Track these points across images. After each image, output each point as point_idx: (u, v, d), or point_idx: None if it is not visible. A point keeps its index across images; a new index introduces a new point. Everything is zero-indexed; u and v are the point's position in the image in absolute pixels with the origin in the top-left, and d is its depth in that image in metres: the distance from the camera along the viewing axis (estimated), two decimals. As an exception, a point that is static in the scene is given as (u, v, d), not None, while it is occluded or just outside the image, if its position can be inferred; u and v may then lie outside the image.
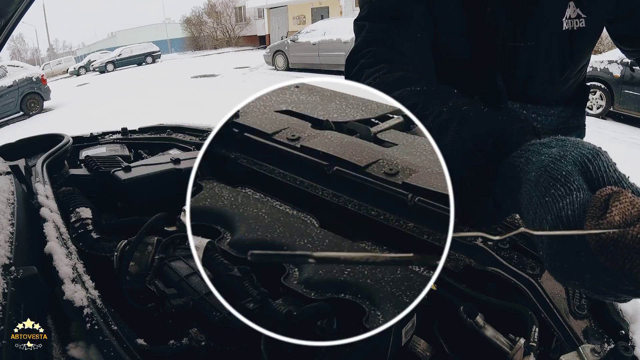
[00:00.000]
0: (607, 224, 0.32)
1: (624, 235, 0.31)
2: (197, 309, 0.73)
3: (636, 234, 0.31)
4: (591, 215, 0.33)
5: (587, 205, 0.34)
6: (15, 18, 1.17)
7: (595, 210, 0.33)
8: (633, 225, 0.31)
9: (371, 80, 0.64)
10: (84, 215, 0.98)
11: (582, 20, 0.85)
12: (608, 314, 0.73)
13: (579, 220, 0.34)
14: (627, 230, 0.31)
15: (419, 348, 0.82)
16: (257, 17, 25.18)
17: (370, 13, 0.79)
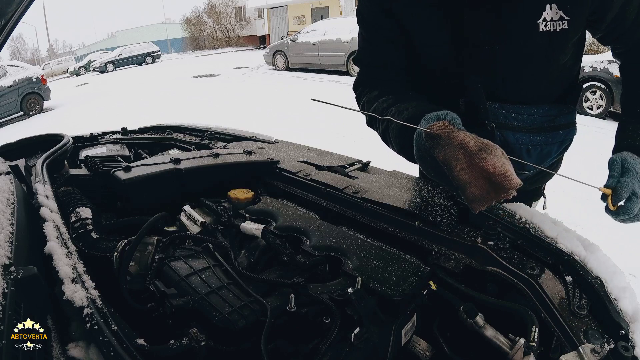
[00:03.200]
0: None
1: (437, 135, 0.67)
2: (197, 309, 0.73)
3: (440, 134, 0.67)
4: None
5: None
6: (15, 18, 1.17)
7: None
8: (441, 132, 0.67)
9: (363, 103, 1.02)
10: (84, 215, 0.98)
11: (564, 22, 0.86)
12: (608, 314, 0.73)
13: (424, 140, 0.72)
14: (439, 132, 0.67)
15: (419, 348, 0.82)
16: (257, 17, 25.18)
17: (359, 24, 1.02)
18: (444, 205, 1.05)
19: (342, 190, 1.15)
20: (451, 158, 0.68)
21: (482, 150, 0.66)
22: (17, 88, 9.62)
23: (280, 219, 1.07)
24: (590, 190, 0.84)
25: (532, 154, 0.97)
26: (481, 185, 0.66)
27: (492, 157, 0.65)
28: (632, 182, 0.80)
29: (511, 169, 0.66)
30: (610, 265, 0.82)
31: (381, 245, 0.96)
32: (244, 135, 1.77)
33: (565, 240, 0.89)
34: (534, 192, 1.27)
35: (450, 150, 0.67)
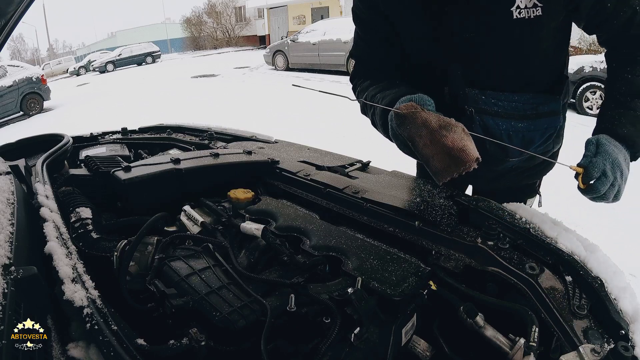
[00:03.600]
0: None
1: (402, 115, 0.75)
2: (197, 309, 0.73)
3: (406, 114, 0.74)
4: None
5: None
6: (15, 18, 1.17)
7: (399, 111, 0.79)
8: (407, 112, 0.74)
9: (357, 92, 1.12)
10: (84, 215, 0.98)
11: (538, 9, 0.88)
12: (608, 314, 0.73)
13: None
14: (405, 112, 0.74)
15: (419, 348, 0.82)
16: (257, 17, 25.17)
17: (354, 22, 1.10)
18: (444, 205, 1.05)
19: (342, 190, 1.15)
20: (415, 135, 0.77)
21: (443, 127, 0.74)
22: (17, 88, 9.61)
23: (280, 219, 1.07)
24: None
25: (514, 140, 0.99)
26: (442, 159, 0.75)
27: (452, 133, 0.74)
28: (603, 163, 0.82)
29: (470, 144, 0.74)
30: (610, 265, 0.82)
31: (381, 245, 0.96)
32: (244, 135, 1.77)
33: (565, 240, 0.89)
34: (529, 189, 1.27)
35: (414, 128, 0.77)
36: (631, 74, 0.89)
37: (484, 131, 0.97)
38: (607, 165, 0.82)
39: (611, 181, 0.82)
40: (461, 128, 0.76)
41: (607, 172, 0.81)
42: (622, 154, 0.84)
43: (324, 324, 0.73)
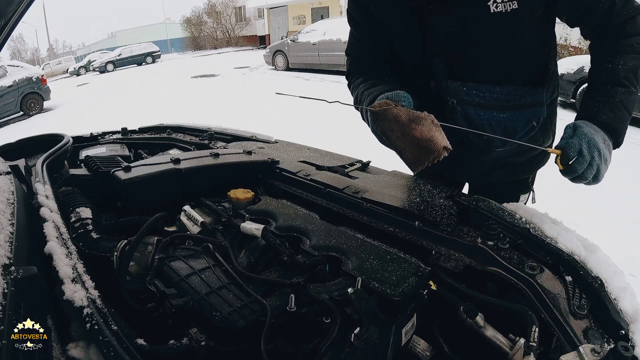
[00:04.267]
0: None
1: (375, 112, 0.81)
2: (197, 309, 0.73)
3: (378, 112, 0.81)
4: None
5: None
6: (15, 18, 1.17)
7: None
8: (378, 109, 0.81)
9: (351, 88, 1.17)
10: (84, 215, 0.98)
11: (514, 3, 0.90)
12: (608, 314, 0.73)
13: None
14: (377, 110, 0.81)
15: (419, 348, 0.82)
16: (257, 17, 25.16)
17: (349, 23, 1.15)
18: (444, 205, 1.05)
19: (342, 190, 1.15)
20: (387, 130, 0.84)
21: (412, 121, 0.81)
22: (17, 88, 9.61)
23: (280, 219, 1.07)
24: (592, 191, 0.85)
25: (496, 130, 1.02)
26: (413, 150, 0.82)
27: (420, 126, 0.80)
28: (579, 143, 0.84)
29: (438, 134, 0.79)
30: (610, 265, 0.82)
31: (381, 245, 0.96)
32: (244, 135, 1.77)
33: (565, 240, 0.89)
34: (522, 184, 1.27)
35: (386, 123, 0.84)
36: (611, 63, 0.91)
37: (466, 121, 1.01)
38: (584, 145, 0.84)
39: (588, 160, 0.84)
40: (430, 120, 0.81)
41: (583, 152, 0.84)
42: (601, 135, 0.86)
43: (324, 324, 0.73)
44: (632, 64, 0.90)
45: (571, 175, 0.86)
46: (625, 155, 4.79)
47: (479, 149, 1.08)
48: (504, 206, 1.04)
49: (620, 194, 3.53)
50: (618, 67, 0.90)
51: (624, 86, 0.89)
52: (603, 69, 0.92)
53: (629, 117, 0.91)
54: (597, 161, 0.85)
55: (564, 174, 0.88)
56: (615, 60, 0.90)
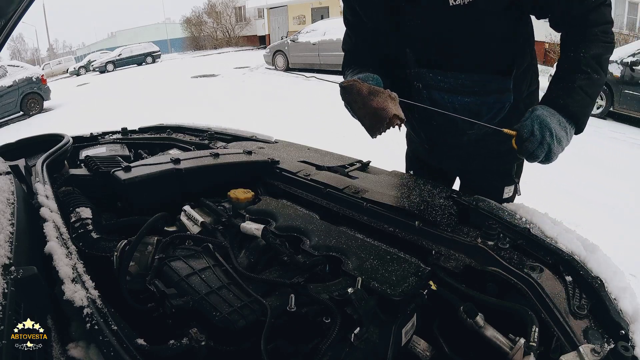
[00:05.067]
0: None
1: (343, 87, 0.95)
2: (197, 309, 0.73)
3: (346, 89, 0.94)
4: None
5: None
6: (15, 18, 1.17)
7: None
8: (345, 84, 0.94)
9: (344, 72, 1.26)
10: (84, 215, 0.98)
11: None
12: (608, 314, 0.73)
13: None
14: (343, 85, 0.94)
15: (419, 348, 0.82)
16: (257, 17, 25.15)
17: (344, 22, 1.26)
18: (444, 205, 1.05)
19: (342, 190, 1.15)
20: (352, 101, 0.97)
21: (371, 94, 0.94)
22: (17, 88, 9.60)
23: (280, 219, 1.07)
24: (592, 190, 0.85)
25: (460, 112, 1.07)
26: (371, 118, 0.95)
27: (378, 98, 0.93)
28: (532, 124, 0.91)
29: (391, 105, 0.93)
30: (610, 265, 0.82)
31: (381, 245, 0.96)
32: (244, 135, 1.77)
33: (565, 240, 0.89)
34: (505, 176, 1.31)
35: (351, 96, 0.96)
36: (574, 52, 0.96)
37: (431, 103, 1.11)
38: (536, 126, 0.91)
39: (539, 140, 0.91)
40: (387, 94, 0.94)
41: (535, 132, 0.91)
42: (556, 118, 0.92)
43: (324, 324, 0.73)
44: (594, 52, 0.94)
45: (524, 154, 0.93)
46: (625, 154, 4.78)
47: (446, 128, 1.18)
48: (504, 206, 1.04)
49: (621, 193, 3.53)
50: (580, 55, 0.94)
51: (584, 72, 0.93)
52: (567, 57, 0.98)
53: (591, 102, 0.95)
54: (549, 140, 0.90)
55: (518, 154, 0.95)
56: (578, 49, 0.95)
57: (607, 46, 0.96)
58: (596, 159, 4.52)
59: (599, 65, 0.94)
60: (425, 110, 1.07)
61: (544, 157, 0.92)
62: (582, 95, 0.93)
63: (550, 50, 11.27)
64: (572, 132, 0.95)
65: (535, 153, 0.92)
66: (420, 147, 1.42)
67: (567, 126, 0.93)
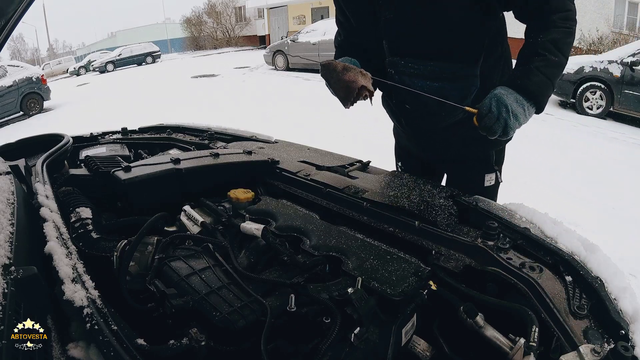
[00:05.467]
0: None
1: (321, 64, 1.09)
2: (197, 309, 0.73)
3: (324, 67, 1.09)
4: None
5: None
6: (15, 18, 1.17)
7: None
8: (323, 62, 1.09)
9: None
10: (84, 215, 0.98)
11: None
12: (608, 314, 0.73)
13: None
14: (322, 63, 1.09)
15: (419, 348, 0.82)
16: (257, 17, 25.14)
17: (335, 21, 1.38)
18: (444, 205, 1.05)
19: (342, 190, 1.15)
20: (328, 76, 1.10)
21: (345, 69, 1.06)
22: (17, 88, 9.59)
23: (280, 219, 1.07)
24: (593, 191, 0.85)
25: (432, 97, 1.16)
26: (344, 90, 1.07)
27: (350, 73, 1.06)
28: (490, 103, 0.99)
29: (361, 78, 1.06)
30: (610, 265, 0.82)
31: (381, 245, 0.96)
32: (244, 135, 1.77)
33: (565, 240, 0.89)
34: (486, 164, 1.36)
35: (327, 72, 1.09)
36: (533, 38, 1.04)
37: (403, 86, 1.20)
38: (493, 103, 0.99)
39: (496, 116, 0.98)
40: (358, 70, 1.07)
41: (492, 109, 0.99)
42: (513, 96, 1.00)
43: (324, 324, 0.73)
44: (552, 37, 1.01)
45: (484, 130, 1.01)
46: (625, 154, 4.78)
47: (419, 112, 1.27)
48: (504, 206, 1.04)
49: (621, 194, 3.53)
50: (538, 40, 1.02)
51: (541, 55, 1.01)
52: (527, 44, 1.05)
53: (548, 82, 1.01)
54: (505, 116, 0.98)
55: (480, 131, 1.03)
56: (538, 35, 1.03)
57: (566, 31, 1.02)
58: (596, 159, 4.52)
59: (556, 48, 1.01)
60: (399, 94, 1.22)
61: (501, 132, 0.99)
62: (539, 75, 1.00)
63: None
64: (531, 110, 1.01)
65: (493, 128, 0.99)
66: (404, 139, 1.50)
67: (524, 104, 1.00)
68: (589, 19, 11.46)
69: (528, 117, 1.02)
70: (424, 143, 1.40)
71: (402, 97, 1.23)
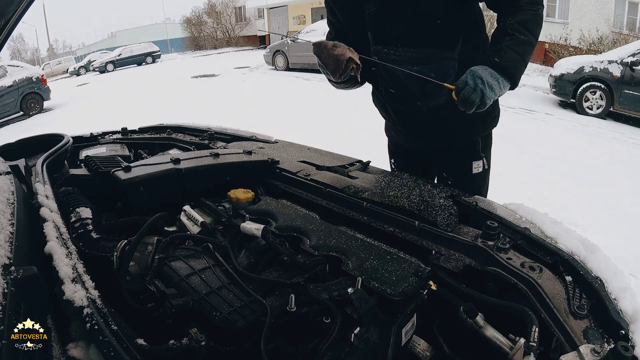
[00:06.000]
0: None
1: (314, 43, 1.24)
2: (197, 309, 0.73)
3: (316, 45, 1.23)
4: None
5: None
6: (15, 18, 1.17)
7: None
8: (315, 42, 1.24)
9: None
10: (84, 215, 0.98)
11: None
12: (608, 314, 0.73)
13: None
14: (314, 42, 1.24)
15: (419, 348, 0.82)
16: (257, 17, 25.14)
17: (327, 19, 1.48)
18: (444, 205, 1.05)
19: (342, 190, 1.15)
20: (319, 52, 1.22)
21: (334, 46, 1.19)
22: (17, 88, 9.58)
23: (280, 219, 1.07)
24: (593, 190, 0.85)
25: (411, 79, 1.24)
26: (333, 62, 1.19)
27: (338, 48, 1.18)
28: (466, 77, 1.09)
29: (348, 52, 1.18)
30: (610, 265, 0.82)
31: (381, 245, 0.96)
32: (244, 135, 1.77)
33: (565, 240, 0.89)
34: (470, 151, 1.41)
35: (319, 49, 1.22)
36: (503, 22, 1.15)
37: (386, 72, 1.30)
38: (469, 77, 1.08)
39: (473, 87, 1.07)
40: (346, 47, 1.19)
41: (468, 82, 1.08)
42: (488, 71, 1.09)
43: (324, 324, 0.73)
44: (520, 19, 1.11)
45: (462, 102, 1.08)
46: (625, 154, 4.78)
47: (403, 95, 1.32)
48: (504, 206, 1.04)
49: (622, 194, 3.53)
50: (507, 22, 1.13)
51: (510, 34, 1.11)
52: (498, 27, 1.16)
53: (519, 58, 1.11)
54: (481, 87, 1.06)
55: (458, 105, 1.10)
56: (507, 18, 1.13)
57: (534, 14, 1.13)
58: (596, 159, 4.52)
59: (525, 29, 1.11)
60: (384, 79, 1.32)
61: (479, 101, 1.07)
62: (510, 52, 1.10)
63: (550, 50, 11.28)
64: (505, 83, 1.11)
65: (471, 98, 1.07)
66: (395, 133, 1.53)
67: (498, 77, 1.09)
68: (589, 19, 11.46)
69: (503, 90, 1.11)
70: (413, 132, 1.44)
71: (386, 82, 1.32)
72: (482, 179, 1.43)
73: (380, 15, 1.25)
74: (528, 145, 4.88)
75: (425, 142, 1.44)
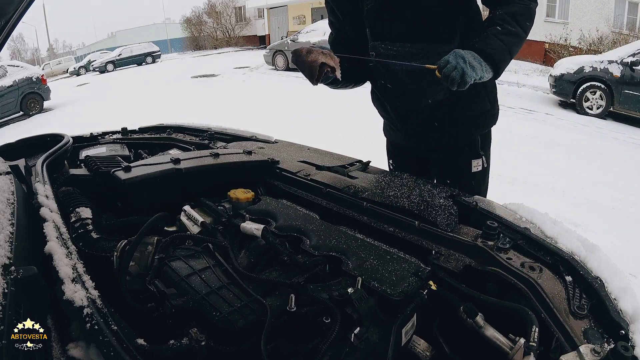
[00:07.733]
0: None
1: (293, 51, 1.27)
2: (197, 309, 0.73)
3: (293, 53, 1.25)
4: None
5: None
6: (15, 18, 1.17)
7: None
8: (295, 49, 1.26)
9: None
10: (84, 215, 0.98)
11: None
12: (608, 314, 0.73)
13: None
14: (293, 50, 1.28)
15: (419, 348, 0.82)
16: (257, 17, 25.13)
17: (328, 20, 1.53)
18: (444, 205, 1.05)
19: (342, 190, 1.15)
20: (296, 61, 1.23)
21: (308, 52, 1.20)
22: (17, 88, 9.58)
23: (280, 219, 1.07)
24: (593, 191, 0.84)
25: (407, 74, 1.29)
26: (309, 69, 1.19)
27: (312, 54, 1.19)
28: (448, 57, 1.10)
29: (322, 57, 1.18)
30: (610, 265, 0.82)
31: (381, 245, 0.96)
32: (244, 135, 1.77)
33: (565, 240, 0.89)
34: (470, 149, 1.40)
35: (296, 57, 1.24)
36: (493, 13, 1.18)
37: (383, 67, 1.33)
38: (451, 57, 1.10)
39: (454, 65, 1.08)
40: (320, 51, 1.21)
41: (450, 61, 1.09)
42: (471, 54, 1.11)
43: (324, 324, 0.72)
44: (509, 10, 1.14)
45: (444, 79, 1.10)
46: (625, 154, 4.78)
47: (400, 91, 1.35)
48: (504, 206, 1.04)
49: (622, 194, 3.53)
50: (496, 13, 1.16)
51: (497, 24, 1.14)
52: (488, 18, 1.18)
53: (504, 47, 1.13)
54: (462, 65, 1.08)
55: (442, 82, 1.12)
56: (496, 10, 1.17)
57: (525, 7, 1.15)
58: (596, 159, 4.52)
59: (514, 20, 1.14)
60: (380, 74, 1.35)
61: (459, 79, 1.07)
62: (496, 40, 1.12)
63: (550, 50, 11.28)
64: (487, 68, 1.12)
65: (452, 76, 1.08)
66: (393, 132, 1.54)
67: (481, 61, 1.11)
68: (589, 19, 11.46)
69: (485, 74, 1.12)
70: (411, 130, 1.45)
71: (383, 78, 1.35)
72: (482, 177, 1.42)
73: (378, 11, 1.28)
74: (528, 145, 4.88)
75: (424, 139, 1.44)
